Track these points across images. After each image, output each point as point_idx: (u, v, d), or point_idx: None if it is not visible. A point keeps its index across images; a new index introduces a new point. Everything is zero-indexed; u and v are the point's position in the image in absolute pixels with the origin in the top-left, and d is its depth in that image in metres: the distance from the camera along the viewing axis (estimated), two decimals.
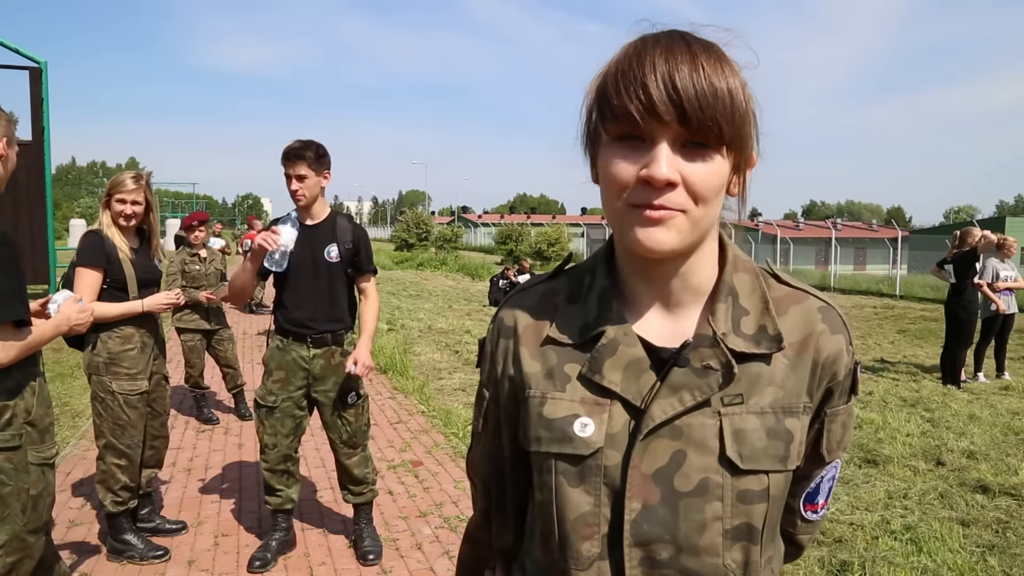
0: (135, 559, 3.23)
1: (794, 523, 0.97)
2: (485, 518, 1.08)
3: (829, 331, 0.86)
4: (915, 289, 19.01)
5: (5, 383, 1.99)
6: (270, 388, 3.19)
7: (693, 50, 0.75)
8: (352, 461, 3.30)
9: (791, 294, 0.88)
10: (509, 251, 29.91)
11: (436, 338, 9.85)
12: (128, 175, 3.19)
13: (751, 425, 0.82)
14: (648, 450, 0.82)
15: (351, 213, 3.34)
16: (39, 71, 10.54)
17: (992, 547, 3.46)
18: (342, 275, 3.21)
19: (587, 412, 0.84)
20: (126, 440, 3.18)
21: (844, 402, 0.90)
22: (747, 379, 0.83)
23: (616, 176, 0.77)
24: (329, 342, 3.19)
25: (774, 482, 0.83)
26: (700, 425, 0.82)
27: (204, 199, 68.15)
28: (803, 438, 0.86)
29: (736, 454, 0.81)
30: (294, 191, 3.09)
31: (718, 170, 0.77)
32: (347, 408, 3.23)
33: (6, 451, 1.98)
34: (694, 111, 0.73)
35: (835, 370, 0.86)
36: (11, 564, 2.03)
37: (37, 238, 10.70)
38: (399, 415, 5.92)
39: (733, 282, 0.86)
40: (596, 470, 0.83)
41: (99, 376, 3.14)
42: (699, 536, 0.81)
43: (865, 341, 10.92)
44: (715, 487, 0.81)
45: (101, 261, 3.08)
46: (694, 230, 0.78)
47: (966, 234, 7.52)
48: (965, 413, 6.02)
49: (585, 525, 0.84)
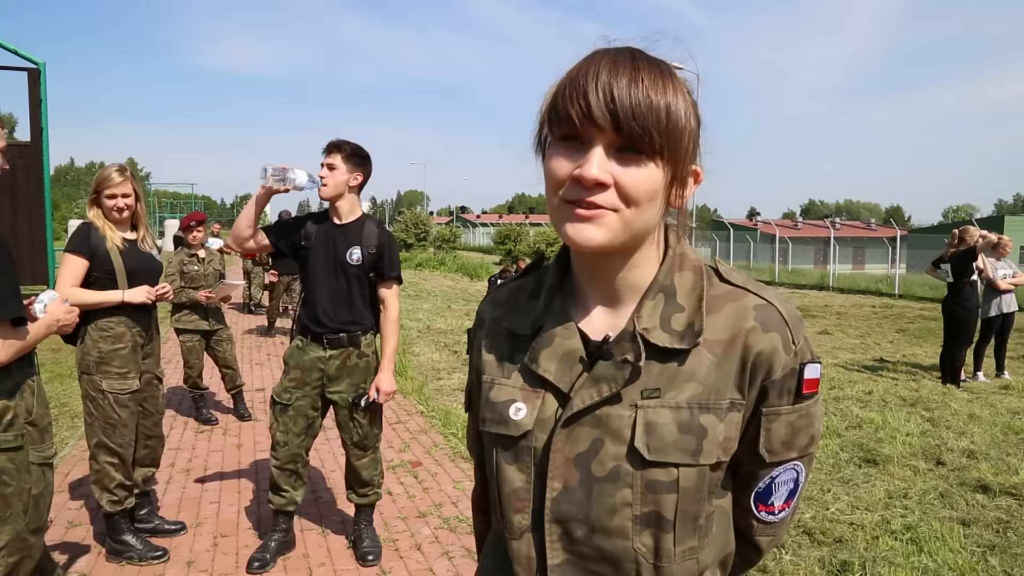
0: (134, 560, 3.22)
1: (749, 523, 0.99)
2: (478, 490, 1.19)
3: (761, 329, 0.87)
4: (914, 288, 19.04)
5: (5, 384, 1.99)
6: (286, 386, 3.19)
7: (636, 64, 0.81)
8: (362, 463, 3.30)
9: (729, 292, 0.91)
10: (508, 251, 29.94)
11: (435, 338, 9.85)
12: (112, 169, 3.20)
13: (663, 419, 0.86)
14: (571, 436, 0.88)
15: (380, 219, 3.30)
16: (38, 72, 10.53)
17: (993, 547, 3.46)
18: (363, 279, 3.18)
19: (523, 398, 0.93)
20: (117, 439, 3.18)
21: (788, 403, 0.89)
22: (667, 374, 0.87)
23: (554, 173, 0.83)
24: (345, 343, 3.17)
25: (685, 475, 0.86)
26: (617, 416, 0.87)
27: (203, 199, 68.07)
28: (729, 434, 0.88)
29: (644, 446, 0.85)
30: (320, 178, 3.08)
31: (650, 177, 0.81)
32: (359, 410, 3.23)
33: (8, 451, 1.99)
34: (627, 119, 0.78)
35: (769, 368, 0.87)
36: (12, 564, 2.03)
37: (36, 239, 10.69)
38: (398, 415, 5.91)
39: (672, 280, 0.90)
40: (527, 451, 0.91)
41: (90, 375, 3.13)
42: (610, 519, 0.87)
43: (864, 340, 10.92)
44: (626, 475, 0.86)
45: (85, 249, 3.08)
46: (625, 230, 0.83)
47: (964, 233, 7.53)
48: (965, 412, 6.02)
49: (517, 499, 0.93)
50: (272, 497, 3.30)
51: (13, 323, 1.98)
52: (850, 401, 6.43)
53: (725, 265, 0.95)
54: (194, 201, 55.69)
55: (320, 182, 3.08)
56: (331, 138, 3.16)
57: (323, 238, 3.15)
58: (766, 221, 41.07)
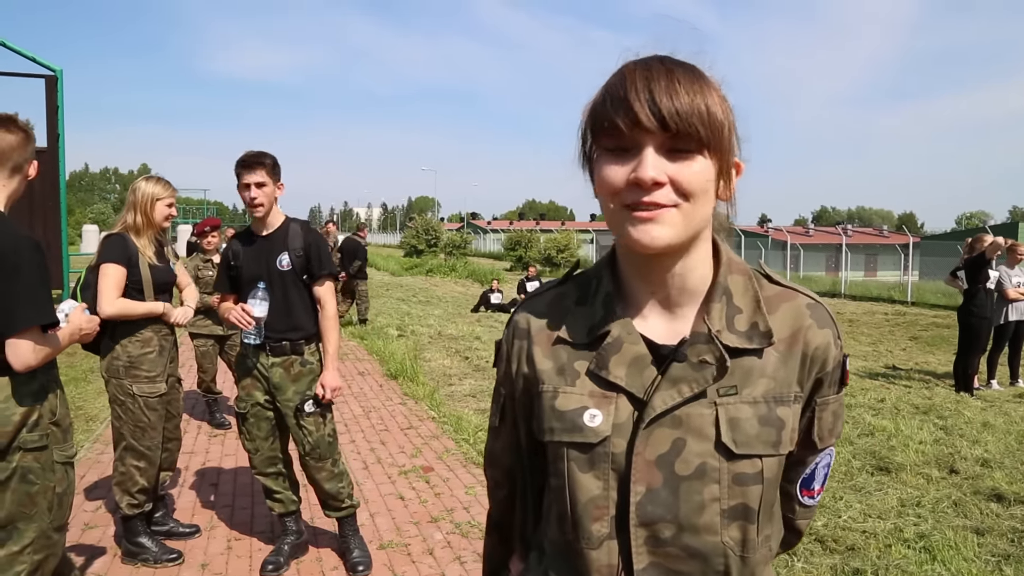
0: (149, 562, 3.26)
1: (792, 508, 1.04)
2: (501, 508, 1.18)
3: (816, 325, 0.94)
4: (927, 296, 18.88)
5: (31, 386, 2.05)
6: (240, 395, 3.21)
7: (669, 67, 0.85)
8: (321, 476, 3.20)
9: (781, 293, 0.96)
10: (518, 257, 29.97)
11: (446, 344, 9.87)
12: (160, 183, 3.33)
13: (744, 414, 0.89)
14: (651, 438, 0.90)
15: (305, 220, 3.31)
16: (55, 79, 10.66)
17: (1008, 556, 3.43)
18: (297, 283, 3.13)
19: (595, 404, 0.92)
20: (146, 442, 3.23)
21: (834, 392, 0.98)
22: (740, 372, 0.91)
23: (610, 182, 0.86)
24: (288, 351, 3.13)
25: (767, 465, 0.90)
26: (698, 415, 0.89)
27: (215, 205, 68.53)
28: (795, 425, 0.93)
29: (731, 440, 0.88)
30: (252, 199, 3.01)
31: (702, 170, 0.85)
32: (305, 416, 3.14)
33: (34, 451, 2.05)
34: (672, 117, 0.81)
35: (824, 361, 0.94)
36: (38, 562, 2.07)
37: (52, 244, 10.80)
38: (410, 421, 5.93)
39: (727, 283, 0.94)
40: (604, 457, 0.91)
41: (119, 379, 3.19)
42: (698, 516, 0.89)
43: (876, 348, 10.86)
44: (712, 471, 0.88)
45: (124, 261, 3.16)
46: (687, 225, 0.86)
47: (977, 240, 7.48)
48: (979, 421, 5.98)
49: (595, 507, 0.92)
50: (270, 503, 3.32)
51: (43, 328, 2.04)
52: (862, 409, 6.39)
53: (767, 268, 1.00)
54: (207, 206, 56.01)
55: (268, 299, 3.04)
56: (241, 155, 3.07)
57: (251, 253, 3.13)
58: (777, 228, 40.86)
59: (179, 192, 3.52)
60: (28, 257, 2.00)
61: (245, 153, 3.07)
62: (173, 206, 3.34)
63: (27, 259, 2.00)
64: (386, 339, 9.67)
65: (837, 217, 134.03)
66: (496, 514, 1.19)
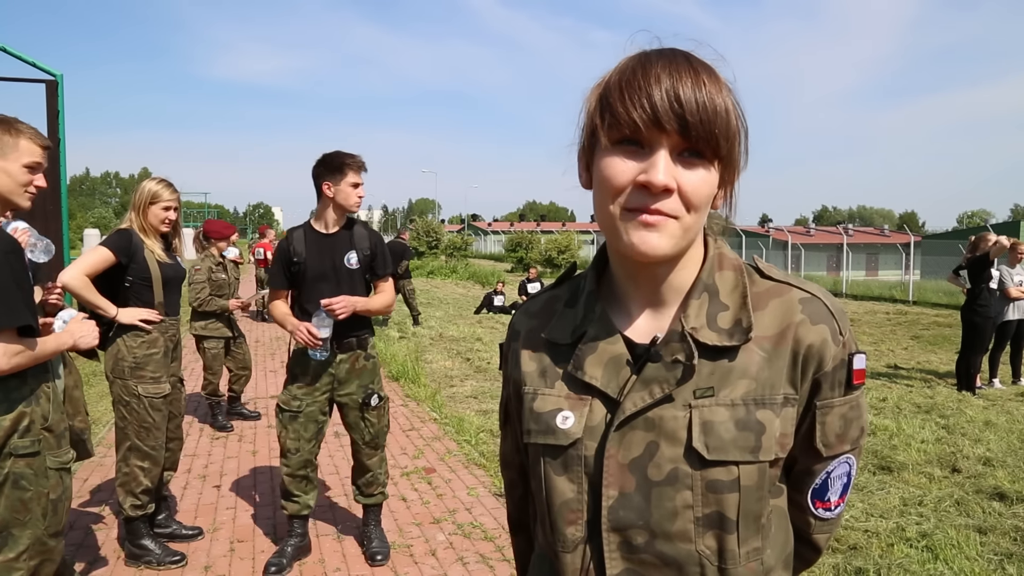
0: (152, 564, 3.26)
1: (806, 521, 0.97)
2: (519, 507, 1.15)
3: (810, 321, 0.87)
4: (928, 295, 18.87)
5: (21, 390, 2.01)
6: (295, 393, 3.25)
7: (695, 66, 0.79)
8: (373, 461, 3.40)
9: (773, 288, 0.90)
10: (519, 258, 29.97)
11: (447, 346, 9.87)
12: (162, 184, 3.31)
13: (720, 417, 0.84)
14: (624, 441, 0.86)
15: (365, 220, 3.40)
16: (55, 84, 10.66)
17: (1011, 555, 3.43)
18: (362, 281, 3.30)
19: (570, 406, 0.90)
20: (151, 442, 3.25)
21: (840, 395, 0.89)
22: (720, 372, 0.85)
23: (613, 180, 0.80)
24: (355, 346, 3.28)
25: (745, 473, 0.84)
26: (671, 417, 0.85)
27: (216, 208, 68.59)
28: (785, 430, 0.86)
29: (703, 445, 0.83)
30: (360, 198, 3.22)
31: (709, 180, 0.81)
32: (371, 410, 3.31)
33: (26, 457, 2.01)
34: (695, 123, 0.77)
35: (820, 360, 0.86)
36: (33, 568, 2.06)
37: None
38: (411, 422, 5.94)
39: (714, 280, 0.89)
40: (577, 459, 0.88)
41: (124, 380, 3.20)
42: (671, 523, 0.85)
43: (878, 347, 10.85)
44: (684, 476, 0.84)
45: (122, 253, 3.17)
46: (685, 237, 0.82)
47: (980, 239, 7.49)
48: (981, 419, 5.97)
49: (569, 511, 0.89)
50: (285, 504, 3.34)
51: (20, 332, 1.96)
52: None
53: (764, 262, 0.94)
54: (208, 210, 56.11)
55: (330, 320, 3.14)
56: (357, 154, 3.23)
57: (316, 250, 3.21)
58: (778, 228, 40.84)
59: (181, 196, 3.51)
60: (0, 259, 1.88)
61: (356, 155, 3.22)
62: (171, 210, 3.31)
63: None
64: (388, 341, 9.67)
65: (838, 216, 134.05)
66: (515, 513, 1.17)
